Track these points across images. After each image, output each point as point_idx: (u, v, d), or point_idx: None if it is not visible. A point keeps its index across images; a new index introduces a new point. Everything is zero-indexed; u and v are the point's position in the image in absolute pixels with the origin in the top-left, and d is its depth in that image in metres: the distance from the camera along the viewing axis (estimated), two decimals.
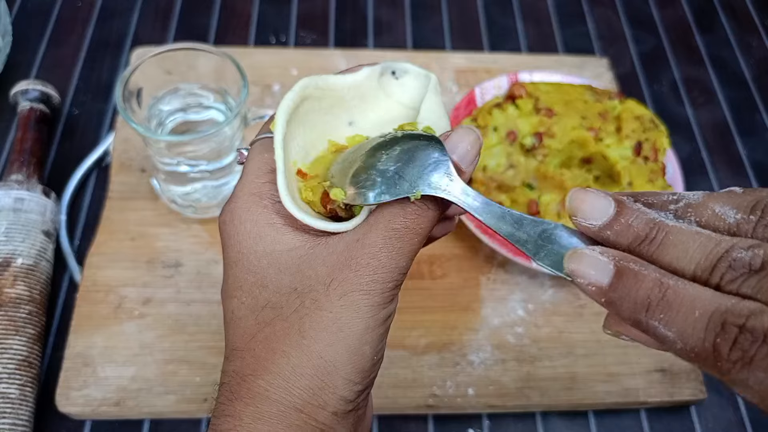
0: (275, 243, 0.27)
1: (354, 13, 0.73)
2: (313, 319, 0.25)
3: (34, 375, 0.47)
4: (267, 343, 0.26)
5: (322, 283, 0.25)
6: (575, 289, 0.54)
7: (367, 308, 0.25)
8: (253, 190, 0.28)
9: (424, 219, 0.26)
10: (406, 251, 0.25)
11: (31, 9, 0.70)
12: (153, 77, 0.48)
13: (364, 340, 0.25)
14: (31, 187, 0.53)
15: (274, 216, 0.27)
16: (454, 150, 0.26)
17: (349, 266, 0.25)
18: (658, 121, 0.57)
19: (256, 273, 0.27)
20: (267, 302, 0.26)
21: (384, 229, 0.25)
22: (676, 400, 0.50)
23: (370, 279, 0.25)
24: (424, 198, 0.25)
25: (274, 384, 0.25)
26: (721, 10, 0.78)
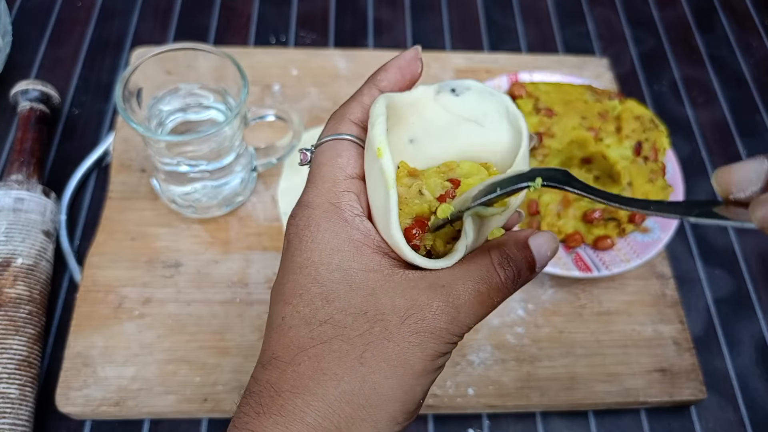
0: (352, 260, 0.26)
1: (354, 13, 0.73)
2: (377, 348, 0.24)
3: (34, 375, 0.47)
4: (316, 361, 0.25)
5: (398, 315, 0.25)
6: (575, 289, 0.54)
7: (431, 352, 0.25)
8: (332, 199, 0.27)
9: (502, 292, 0.26)
10: (480, 314, 0.26)
11: (31, 9, 0.70)
12: (153, 77, 0.48)
13: (419, 382, 0.25)
14: (31, 187, 0.53)
15: (355, 232, 0.26)
16: (537, 249, 0.27)
17: (431, 308, 0.25)
18: (658, 121, 0.57)
19: (324, 285, 0.26)
20: (329, 318, 0.25)
21: (471, 288, 0.25)
22: (676, 400, 0.50)
23: (444, 328, 0.25)
24: (506, 274, 0.26)
25: (313, 406, 0.24)
26: (721, 10, 0.78)
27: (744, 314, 0.56)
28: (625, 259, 0.52)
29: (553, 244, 0.28)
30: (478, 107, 0.29)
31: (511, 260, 0.26)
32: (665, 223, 0.54)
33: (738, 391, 0.53)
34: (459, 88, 0.29)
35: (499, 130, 0.29)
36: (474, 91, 0.29)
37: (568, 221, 0.54)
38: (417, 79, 0.30)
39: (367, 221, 0.27)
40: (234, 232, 0.55)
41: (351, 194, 0.27)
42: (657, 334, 0.53)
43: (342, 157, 0.27)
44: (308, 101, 0.63)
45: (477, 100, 0.29)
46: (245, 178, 0.55)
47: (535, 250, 0.27)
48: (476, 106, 0.29)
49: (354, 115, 0.28)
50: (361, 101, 0.29)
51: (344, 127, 0.28)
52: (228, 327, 0.50)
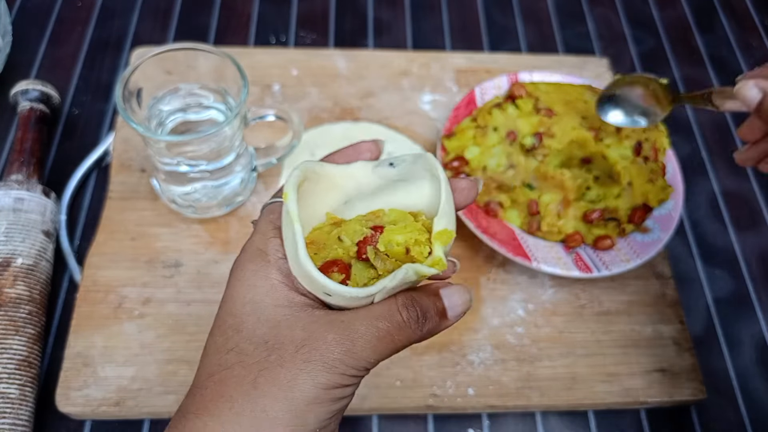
0: (265, 295, 0.28)
1: (354, 13, 0.73)
2: (270, 373, 0.26)
3: (34, 375, 0.47)
4: (219, 386, 0.27)
5: (294, 345, 0.26)
6: (575, 289, 0.54)
7: (323, 381, 0.26)
8: (259, 245, 0.29)
9: (404, 332, 0.27)
10: (380, 350, 0.27)
11: (31, 9, 0.70)
12: (153, 77, 0.48)
13: (309, 409, 0.26)
14: (31, 187, 0.53)
15: (273, 271, 0.28)
16: (448, 298, 0.29)
17: (325, 339, 0.26)
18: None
19: (236, 316, 0.28)
20: (235, 346, 0.27)
21: (369, 324, 0.27)
22: (676, 400, 0.50)
23: (337, 358, 0.26)
24: (408, 314, 0.27)
25: (209, 426, 0.26)
26: (721, 10, 0.78)
27: (744, 314, 0.56)
28: (625, 259, 0.52)
29: (465, 295, 0.29)
30: (409, 169, 0.31)
31: (416, 302, 0.28)
32: (665, 223, 0.54)
33: (738, 391, 0.53)
34: (396, 161, 0.31)
35: (422, 182, 0.30)
36: (408, 161, 0.31)
37: (568, 221, 0.54)
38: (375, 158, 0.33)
39: (288, 263, 0.29)
40: (234, 232, 0.55)
41: (277, 240, 0.29)
42: (657, 334, 0.53)
43: (274, 213, 0.30)
44: (308, 101, 0.63)
45: (409, 165, 0.31)
46: (245, 178, 0.55)
47: (446, 299, 0.29)
48: (407, 169, 0.31)
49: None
50: None
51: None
52: None
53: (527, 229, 0.54)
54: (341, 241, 0.29)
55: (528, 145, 0.54)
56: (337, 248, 0.28)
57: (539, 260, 0.51)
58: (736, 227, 0.61)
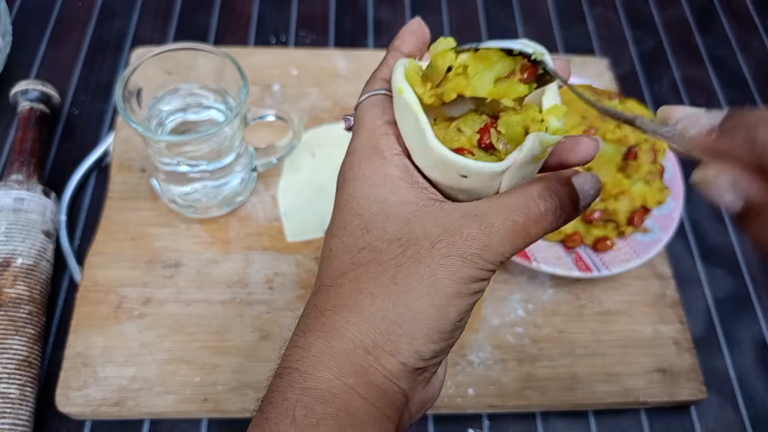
0: (389, 193, 0.27)
1: (354, 13, 0.73)
2: (409, 269, 0.26)
3: (34, 375, 0.47)
4: (356, 282, 0.26)
5: (429, 240, 0.26)
6: (575, 289, 0.54)
7: (464, 275, 0.26)
8: (372, 142, 0.28)
9: (541, 224, 0.27)
10: (516, 243, 0.26)
11: (31, 9, 0.70)
12: (153, 77, 0.48)
13: (451, 303, 0.26)
14: (31, 187, 0.53)
15: (393, 168, 0.28)
16: (581, 186, 0.28)
17: (461, 234, 0.26)
18: None
19: (363, 216, 0.27)
20: (367, 245, 0.27)
21: (505, 217, 0.26)
22: (676, 400, 0.50)
23: (475, 252, 0.26)
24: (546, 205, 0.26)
25: (351, 321, 0.26)
26: (721, 10, 0.78)
27: (744, 314, 0.56)
28: (625, 259, 0.52)
29: (597, 184, 0.28)
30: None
31: (553, 192, 0.27)
32: (665, 224, 0.54)
33: (738, 391, 0.53)
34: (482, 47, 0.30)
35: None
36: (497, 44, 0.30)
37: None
38: (428, 40, 0.32)
39: (405, 159, 0.28)
40: (234, 232, 0.55)
41: (389, 136, 0.28)
42: (657, 334, 0.53)
43: (378, 107, 0.29)
44: (308, 101, 0.63)
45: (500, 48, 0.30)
46: (245, 178, 0.55)
47: (578, 186, 0.28)
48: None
49: (383, 74, 0.31)
50: (387, 64, 0.31)
51: (377, 84, 0.31)
52: (228, 327, 0.50)
53: None
54: (461, 132, 0.28)
55: None
56: (459, 138, 0.28)
57: (539, 260, 0.51)
58: (736, 227, 0.61)
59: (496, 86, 0.28)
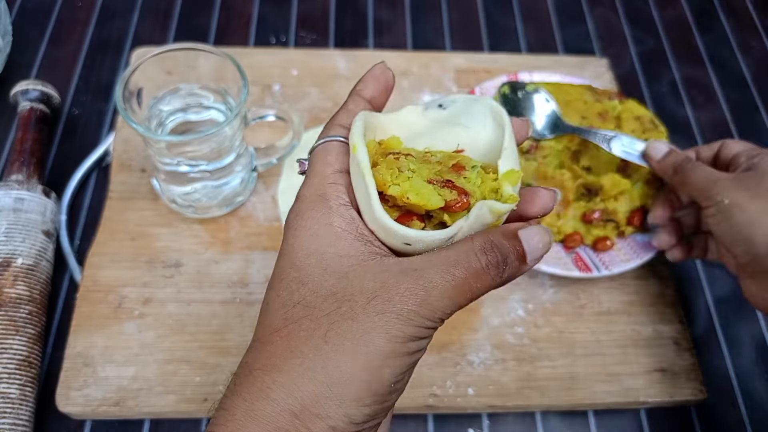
0: (329, 246, 0.26)
1: (354, 13, 0.73)
2: (342, 327, 0.25)
3: (34, 375, 0.47)
4: (287, 340, 0.25)
5: (365, 296, 0.25)
6: (575, 289, 0.54)
7: (399, 333, 0.25)
8: (319, 191, 0.28)
9: (483, 279, 0.26)
10: (457, 299, 0.25)
11: (31, 9, 0.70)
12: (153, 77, 0.48)
13: (386, 363, 0.25)
14: (31, 187, 0.53)
15: (337, 218, 0.27)
16: (528, 240, 0.26)
17: (398, 289, 0.25)
18: (658, 121, 0.57)
19: (300, 269, 0.26)
20: (302, 299, 0.26)
21: (445, 271, 0.25)
22: (676, 400, 0.50)
23: (412, 309, 0.25)
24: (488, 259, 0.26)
25: (278, 382, 0.25)
26: (721, 10, 0.78)
27: (744, 314, 0.56)
28: (625, 259, 0.52)
29: (545, 237, 0.27)
30: (464, 112, 0.30)
31: (495, 246, 0.26)
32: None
33: (738, 391, 0.53)
34: (446, 103, 0.30)
35: (485, 128, 0.30)
36: (460, 102, 0.30)
37: (568, 221, 0.54)
38: (392, 85, 0.32)
39: (352, 210, 0.27)
40: (234, 232, 0.55)
41: (338, 186, 0.28)
42: (657, 334, 0.53)
43: (330, 155, 0.29)
44: (308, 101, 0.63)
45: (462, 107, 0.30)
46: (245, 178, 0.55)
47: (525, 241, 0.26)
48: (462, 111, 0.30)
49: (341, 120, 0.30)
50: (347, 109, 0.31)
51: (334, 131, 0.30)
52: (228, 327, 0.50)
53: None
54: (429, 159, 0.28)
55: (525, 147, 0.54)
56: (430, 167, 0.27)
57: None
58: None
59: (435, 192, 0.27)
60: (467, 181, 0.27)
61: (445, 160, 0.28)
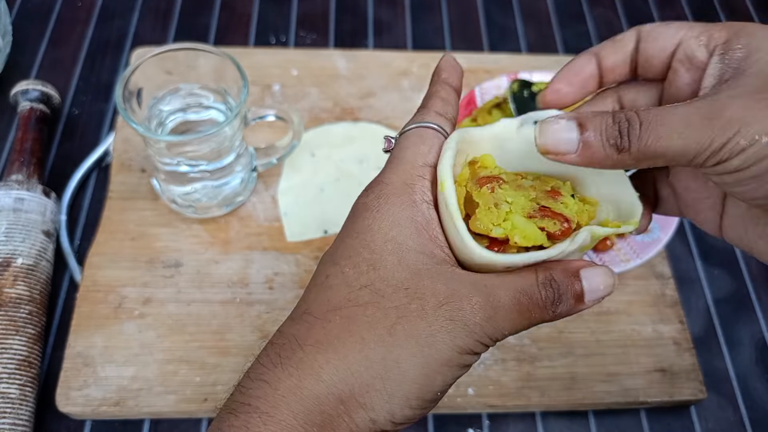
0: (409, 238, 0.26)
1: (354, 13, 0.73)
2: (409, 323, 0.24)
3: (34, 375, 0.47)
4: (348, 322, 0.25)
5: (436, 298, 0.25)
6: None
7: (461, 344, 0.25)
8: (407, 179, 0.27)
9: (540, 311, 0.26)
10: (517, 323, 0.25)
11: (31, 9, 0.70)
12: (153, 77, 0.48)
13: (441, 370, 0.25)
14: (31, 187, 0.53)
15: (419, 215, 0.26)
16: (589, 281, 0.27)
17: (469, 301, 0.25)
18: None
19: (374, 252, 0.26)
20: (370, 283, 0.25)
21: (513, 295, 0.25)
22: (676, 400, 0.50)
23: (479, 323, 0.25)
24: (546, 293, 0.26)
25: (332, 364, 0.24)
26: (721, 10, 0.78)
27: (744, 314, 0.56)
28: (625, 259, 0.52)
29: (609, 279, 0.27)
30: None
31: (554, 282, 0.26)
32: (665, 223, 0.54)
33: (738, 391, 0.53)
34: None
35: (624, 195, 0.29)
36: None
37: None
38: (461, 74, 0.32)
39: (433, 210, 0.27)
40: (234, 232, 0.55)
41: (425, 180, 0.27)
42: (657, 334, 0.53)
43: (425, 144, 0.28)
44: (308, 101, 0.63)
45: None
46: (245, 178, 0.55)
47: (586, 280, 0.27)
48: None
49: (437, 107, 0.29)
50: (440, 96, 0.30)
51: (430, 117, 0.29)
52: (228, 327, 0.50)
53: None
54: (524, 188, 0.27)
55: None
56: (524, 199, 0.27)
57: None
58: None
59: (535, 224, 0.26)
60: (565, 206, 0.27)
61: (538, 184, 0.28)
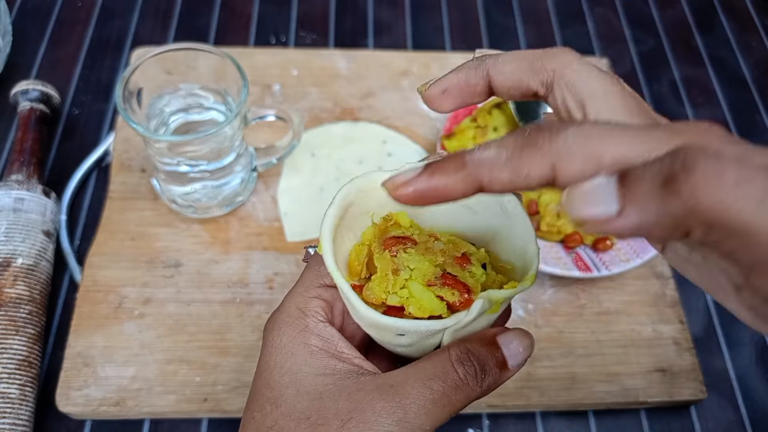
0: (304, 364, 0.25)
1: (354, 13, 0.73)
2: None
3: (34, 375, 0.47)
4: None
5: (339, 419, 0.24)
6: (575, 289, 0.54)
7: None
8: (300, 304, 0.27)
9: (463, 391, 0.24)
10: (436, 415, 0.24)
11: (31, 9, 0.70)
12: (153, 77, 0.48)
13: None
14: (31, 187, 0.53)
15: (313, 338, 0.26)
16: (507, 345, 0.25)
17: (374, 409, 0.24)
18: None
19: (274, 389, 0.25)
20: (274, 423, 0.25)
21: (422, 386, 0.24)
22: (676, 400, 0.50)
23: (388, 429, 0.23)
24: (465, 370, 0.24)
25: None
26: (721, 10, 0.78)
27: None
28: (625, 259, 0.52)
29: (525, 339, 0.26)
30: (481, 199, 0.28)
31: (472, 355, 0.25)
32: None
33: (738, 391, 0.53)
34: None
35: (493, 217, 0.28)
36: None
37: (568, 221, 0.54)
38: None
39: (330, 328, 0.26)
40: (234, 232, 0.55)
41: (320, 301, 0.27)
42: (657, 334, 0.53)
43: (322, 264, 0.27)
44: (308, 101, 0.63)
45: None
46: (245, 178, 0.55)
47: (504, 347, 0.25)
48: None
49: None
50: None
51: None
52: (228, 327, 0.50)
53: None
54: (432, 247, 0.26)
55: None
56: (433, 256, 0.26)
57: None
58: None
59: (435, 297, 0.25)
60: (471, 275, 0.26)
61: (450, 248, 0.27)
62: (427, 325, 0.24)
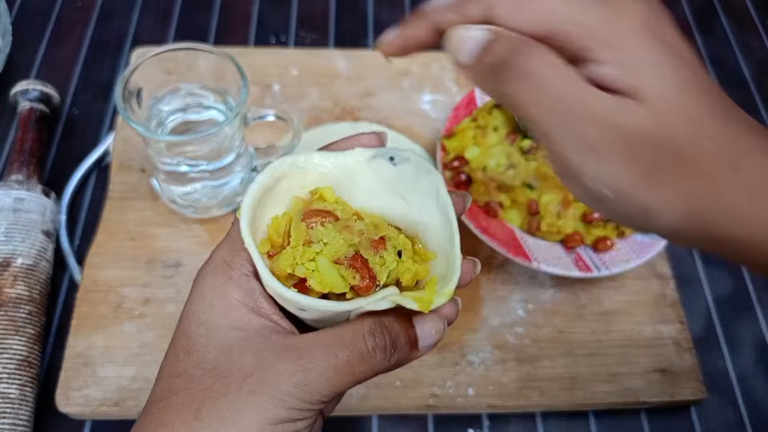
0: (220, 317, 0.26)
1: (354, 13, 0.73)
2: (214, 404, 0.24)
3: (34, 375, 0.47)
4: (163, 413, 0.25)
5: (242, 373, 0.24)
6: (575, 289, 0.54)
7: (269, 415, 0.24)
8: (226, 257, 0.27)
9: (368, 362, 0.25)
10: (336, 383, 0.24)
11: (31, 9, 0.70)
12: (153, 77, 0.48)
13: None
14: (31, 187, 0.53)
15: (234, 289, 0.26)
16: (421, 326, 0.26)
17: (276, 368, 0.24)
18: None
19: (189, 338, 0.26)
20: (184, 371, 0.25)
21: (328, 352, 0.24)
22: (676, 400, 0.50)
23: (286, 390, 0.24)
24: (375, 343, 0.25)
25: None
26: (721, 10, 0.78)
27: (744, 314, 0.56)
28: (625, 259, 0.52)
29: (439, 324, 0.27)
30: (410, 181, 0.28)
31: (386, 329, 0.25)
32: None
33: (738, 391, 0.53)
34: (398, 158, 0.29)
35: (424, 210, 0.28)
36: (412, 164, 0.29)
37: (568, 221, 0.53)
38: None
39: (253, 281, 0.27)
40: None
41: (246, 254, 0.27)
42: (657, 334, 0.53)
43: None
44: (308, 101, 0.63)
45: (412, 173, 0.28)
46: (245, 178, 0.55)
47: (418, 326, 0.26)
48: (408, 179, 0.28)
49: None
50: None
51: None
52: None
53: (527, 229, 0.54)
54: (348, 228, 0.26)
55: (525, 147, 0.54)
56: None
57: (539, 260, 0.51)
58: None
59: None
60: (381, 261, 0.26)
61: (370, 229, 0.27)
62: (326, 306, 0.25)
